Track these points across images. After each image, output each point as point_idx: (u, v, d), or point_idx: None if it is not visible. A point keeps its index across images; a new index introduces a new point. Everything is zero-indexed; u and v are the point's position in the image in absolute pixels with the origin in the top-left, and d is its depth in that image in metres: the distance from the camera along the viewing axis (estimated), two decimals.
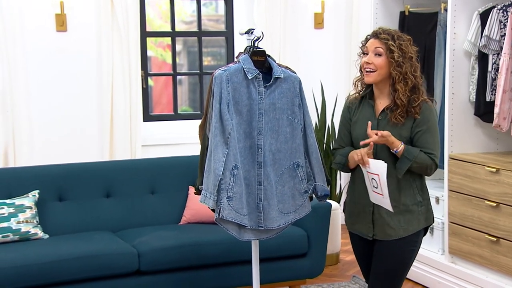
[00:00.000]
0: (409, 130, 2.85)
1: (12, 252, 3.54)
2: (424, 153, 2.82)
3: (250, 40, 3.14)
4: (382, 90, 2.89)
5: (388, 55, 2.80)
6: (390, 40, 2.80)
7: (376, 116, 2.90)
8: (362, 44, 2.91)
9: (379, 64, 2.82)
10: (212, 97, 3.04)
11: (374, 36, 2.85)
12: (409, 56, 2.82)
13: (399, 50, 2.80)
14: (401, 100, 2.81)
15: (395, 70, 2.80)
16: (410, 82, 2.81)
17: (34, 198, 3.87)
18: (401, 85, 2.80)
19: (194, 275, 3.77)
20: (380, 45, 2.82)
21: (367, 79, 2.86)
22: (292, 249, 3.93)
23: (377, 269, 2.93)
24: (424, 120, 2.84)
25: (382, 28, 2.88)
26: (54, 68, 5.24)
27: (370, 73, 2.83)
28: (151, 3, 5.79)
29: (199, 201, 3.05)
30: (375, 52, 2.83)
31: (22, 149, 5.07)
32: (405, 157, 2.79)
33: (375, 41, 2.84)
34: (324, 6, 5.89)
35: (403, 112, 2.83)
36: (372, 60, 2.82)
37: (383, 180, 2.74)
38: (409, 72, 2.81)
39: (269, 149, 3.10)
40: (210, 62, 6.15)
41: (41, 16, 5.19)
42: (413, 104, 2.82)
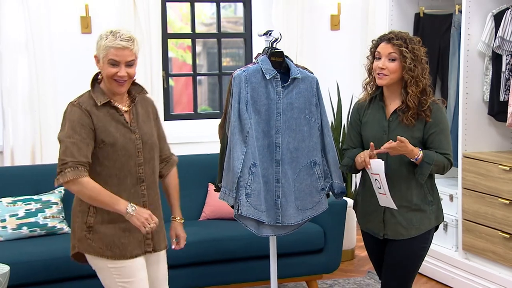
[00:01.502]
0: (420, 131, 2.82)
1: (39, 246, 3.57)
2: (440, 154, 2.80)
3: (269, 41, 3.14)
4: (393, 92, 2.87)
5: (402, 59, 2.78)
6: (403, 45, 2.78)
7: (387, 117, 2.87)
8: (372, 47, 2.87)
9: (392, 69, 2.79)
10: (231, 97, 3.04)
11: (386, 41, 2.82)
12: (420, 59, 2.80)
13: (412, 54, 2.78)
14: (412, 102, 2.79)
15: (407, 74, 2.78)
16: (421, 85, 2.80)
17: (60, 194, 3.90)
18: (413, 88, 2.79)
19: (214, 270, 3.78)
20: (394, 50, 2.79)
21: (379, 82, 2.83)
22: (309, 245, 3.92)
23: (389, 266, 2.92)
24: (436, 122, 2.82)
25: (393, 32, 2.85)
26: (79, 68, 5.26)
27: (383, 76, 2.81)
28: (172, 6, 5.80)
29: (218, 198, 3.06)
30: (389, 57, 2.80)
31: (48, 148, 5.10)
32: (426, 162, 2.77)
33: (388, 46, 2.80)
34: (340, 8, 5.86)
35: (414, 114, 2.80)
36: (386, 65, 2.80)
37: (383, 177, 2.73)
38: (420, 75, 2.79)
39: (286, 147, 3.10)
40: (229, 63, 6.15)
41: (67, 19, 5.22)
42: (423, 107, 2.80)
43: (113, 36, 2.62)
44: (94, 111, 2.65)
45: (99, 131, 2.64)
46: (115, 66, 2.63)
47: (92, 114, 2.64)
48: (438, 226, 2.96)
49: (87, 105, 2.66)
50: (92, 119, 2.64)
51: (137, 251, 2.71)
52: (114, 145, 2.64)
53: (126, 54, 2.63)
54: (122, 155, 2.66)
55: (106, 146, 2.64)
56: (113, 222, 2.66)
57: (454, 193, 4.36)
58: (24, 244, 3.59)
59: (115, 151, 2.65)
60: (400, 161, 2.81)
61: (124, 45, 2.61)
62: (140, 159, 2.70)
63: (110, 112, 2.68)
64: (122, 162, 2.66)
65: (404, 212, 2.84)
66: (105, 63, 2.64)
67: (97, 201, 2.60)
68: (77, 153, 2.58)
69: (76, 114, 2.64)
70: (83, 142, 2.60)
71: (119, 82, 2.65)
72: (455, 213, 4.29)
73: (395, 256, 2.88)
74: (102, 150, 2.64)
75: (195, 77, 5.83)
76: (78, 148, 2.59)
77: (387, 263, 2.92)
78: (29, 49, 5.02)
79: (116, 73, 2.63)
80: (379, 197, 2.84)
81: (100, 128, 2.64)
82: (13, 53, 5.01)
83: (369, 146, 2.84)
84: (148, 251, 2.76)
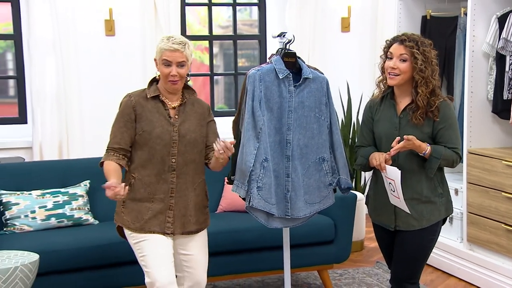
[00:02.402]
0: (430, 127, 2.83)
1: (66, 236, 3.60)
2: (448, 148, 2.80)
3: (282, 42, 3.15)
4: (404, 90, 2.87)
5: (413, 60, 2.78)
6: (415, 47, 2.78)
7: (397, 114, 2.88)
8: (386, 47, 2.88)
9: (403, 69, 2.80)
10: (246, 95, 3.06)
11: (399, 42, 2.82)
12: (431, 61, 2.80)
13: (423, 56, 2.78)
14: (421, 102, 2.79)
15: (418, 74, 2.78)
16: (431, 85, 2.80)
17: (86, 187, 3.94)
18: (423, 88, 2.79)
19: (230, 259, 3.79)
20: (405, 52, 2.79)
21: (390, 82, 2.84)
22: (320, 236, 3.93)
23: (399, 256, 2.92)
24: (445, 118, 2.82)
25: (406, 34, 2.85)
26: (103, 69, 5.32)
27: (395, 76, 2.82)
28: (191, 10, 5.83)
29: (231, 190, 3.08)
30: (400, 58, 2.80)
31: (74, 143, 5.16)
32: (434, 157, 2.77)
33: (400, 47, 2.81)
34: (350, 11, 5.85)
35: (423, 113, 2.81)
36: (397, 65, 2.80)
37: (398, 185, 2.74)
38: (430, 76, 2.79)
39: (297, 144, 3.11)
40: (244, 64, 6.17)
41: (92, 22, 5.27)
42: (431, 107, 2.80)
43: (167, 40, 2.88)
44: (142, 102, 2.93)
45: (141, 120, 2.90)
46: (168, 66, 2.86)
47: (138, 104, 2.92)
48: (446, 219, 2.96)
49: (136, 96, 2.95)
50: (135, 110, 2.91)
51: (156, 229, 2.91)
52: (151, 133, 2.88)
53: (177, 56, 2.85)
54: (157, 143, 2.88)
55: (145, 133, 2.89)
56: (141, 201, 2.91)
57: (459, 187, 4.35)
58: (52, 234, 3.62)
59: (151, 139, 2.88)
60: (410, 155, 2.82)
61: (175, 48, 2.85)
62: (174, 150, 2.90)
63: (157, 105, 2.93)
64: (156, 149, 2.88)
65: (415, 204, 2.84)
66: (160, 64, 2.89)
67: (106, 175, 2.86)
68: (112, 140, 2.92)
69: (123, 104, 2.95)
70: (119, 131, 2.90)
71: (172, 82, 2.88)
72: (460, 206, 4.28)
73: (405, 247, 2.88)
74: (141, 136, 2.89)
75: (212, 77, 5.85)
76: (114, 135, 2.92)
77: (397, 254, 2.92)
78: (57, 51, 5.08)
79: (169, 73, 2.86)
80: (391, 197, 2.84)
81: (142, 117, 2.90)
82: (41, 55, 5.06)
83: (381, 143, 2.86)
84: (167, 233, 2.92)
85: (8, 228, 3.69)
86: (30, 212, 3.72)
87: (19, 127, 5.29)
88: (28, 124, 5.27)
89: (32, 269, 3.08)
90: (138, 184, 2.91)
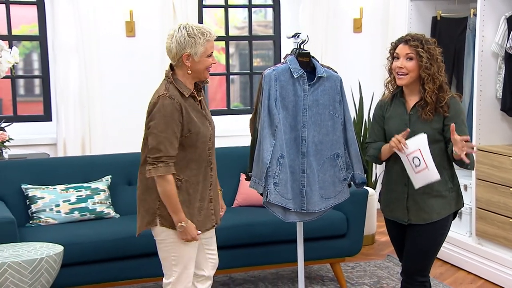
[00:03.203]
0: (439, 123, 2.80)
1: (88, 229, 3.61)
2: None
3: (297, 43, 3.13)
4: (412, 89, 2.86)
5: (418, 59, 2.77)
6: (419, 46, 2.77)
7: (407, 112, 2.86)
8: (391, 48, 2.87)
9: (410, 68, 2.79)
10: (262, 94, 3.05)
11: (404, 42, 2.81)
12: (436, 58, 2.79)
13: (428, 54, 2.77)
14: (430, 98, 2.78)
15: (424, 72, 2.77)
16: (437, 82, 2.78)
17: (107, 182, 3.95)
18: (430, 85, 2.77)
19: (245, 252, 3.79)
20: (411, 51, 2.78)
21: (399, 82, 2.82)
22: (333, 230, 3.91)
23: (410, 250, 2.90)
24: (456, 114, 2.80)
25: (410, 35, 2.85)
26: (124, 69, 5.34)
27: (403, 76, 2.80)
28: (208, 11, 5.83)
29: (249, 186, 3.08)
30: (407, 57, 2.79)
31: (96, 140, 5.19)
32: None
33: (405, 47, 2.80)
34: (362, 12, 5.82)
35: (432, 109, 2.79)
36: (404, 64, 2.79)
37: (426, 150, 2.67)
38: (436, 73, 2.78)
39: (312, 140, 3.09)
40: (259, 63, 6.16)
41: (113, 24, 5.29)
42: (440, 103, 2.78)
43: (204, 30, 2.66)
44: (183, 102, 2.67)
45: (187, 122, 2.66)
46: (210, 57, 2.70)
47: (182, 106, 2.66)
48: (456, 213, 2.93)
49: (177, 97, 2.66)
50: (182, 112, 2.65)
51: (208, 226, 2.82)
52: (198, 134, 2.70)
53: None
54: (202, 142, 2.72)
55: (192, 134, 2.68)
56: (191, 202, 2.72)
57: (468, 183, 4.31)
58: (75, 227, 3.63)
59: (198, 139, 2.70)
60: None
61: (215, 36, 2.70)
62: (210, 144, 2.78)
63: (192, 102, 2.72)
64: (201, 148, 2.73)
65: (426, 199, 2.82)
66: (203, 57, 2.67)
67: (167, 199, 2.65)
68: (170, 147, 2.62)
69: (169, 107, 2.62)
70: (174, 136, 2.63)
71: (209, 70, 2.73)
72: (469, 201, 4.24)
73: (416, 241, 2.86)
74: (188, 138, 2.68)
75: (228, 76, 5.85)
76: (170, 142, 2.62)
77: (408, 248, 2.90)
78: (79, 51, 5.10)
79: (211, 63, 2.71)
80: (417, 178, 2.75)
81: (187, 118, 2.67)
82: (65, 55, 5.10)
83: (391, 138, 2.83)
84: (213, 225, 2.86)
85: (34, 221, 3.72)
86: (54, 206, 3.74)
87: (44, 125, 5.33)
88: (52, 122, 5.30)
89: (57, 260, 3.10)
90: (186, 185, 2.71)
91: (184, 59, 2.67)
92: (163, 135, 2.61)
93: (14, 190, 3.76)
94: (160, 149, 2.61)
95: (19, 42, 5.34)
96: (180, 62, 2.69)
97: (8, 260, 2.96)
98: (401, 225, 2.92)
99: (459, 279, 4.17)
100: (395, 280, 4.08)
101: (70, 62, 5.10)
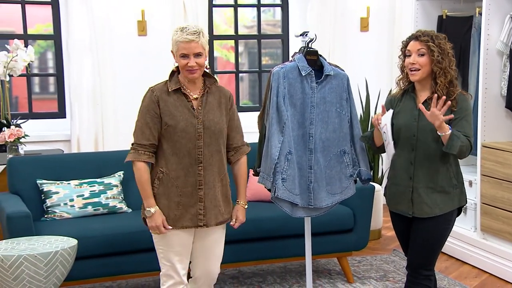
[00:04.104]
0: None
1: (102, 223, 3.63)
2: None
3: (305, 41, 3.13)
4: (424, 85, 2.85)
5: (430, 53, 2.77)
6: (430, 41, 2.77)
7: (417, 107, 2.85)
8: (403, 46, 2.86)
9: (422, 63, 2.78)
10: (270, 91, 3.04)
11: (415, 39, 2.81)
12: (447, 52, 2.79)
13: (439, 48, 2.77)
14: (441, 92, 2.77)
15: (436, 66, 2.77)
16: (449, 76, 2.78)
17: (120, 177, 3.96)
18: (441, 79, 2.77)
19: (254, 246, 3.79)
20: (422, 46, 2.78)
21: (412, 78, 2.82)
22: (340, 225, 3.91)
23: (415, 243, 2.89)
24: (462, 109, 2.79)
25: (420, 31, 2.84)
26: (136, 67, 5.35)
27: (415, 71, 2.80)
28: (218, 11, 5.83)
29: (257, 181, 3.07)
30: (418, 53, 2.79)
31: (109, 137, 5.20)
32: (455, 136, 2.71)
33: (416, 43, 2.79)
34: (369, 11, 5.80)
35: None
36: (416, 60, 2.79)
37: (389, 125, 2.81)
38: (448, 67, 2.78)
39: (319, 137, 3.09)
40: (267, 62, 6.16)
41: (125, 23, 5.30)
42: (450, 98, 2.77)
43: (181, 31, 2.69)
44: (164, 96, 2.73)
45: (164, 115, 2.72)
46: (185, 57, 2.69)
47: (161, 99, 2.72)
48: (461, 210, 2.92)
49: (158, 91, 2.75)
50: (158, 105, 2.72)
51: (188, 223, 2.77)
52: (175, 127, 2.72)
53: (194, 46, 2.68)
54: (182, 137, 2.72)
55: (169, 128, 2.72)
56: (170, 195, 2.76)
57: (473, 179, 4.29)
58: (89, 221, 3.65)
59: (176, 133, 2.72)
60: (430, 148, 2.79)
61: (190, 39, 2.67)
62: (200, 142, 2.74)
63: (180, 98, 2.75)
64: (181, 143, 2.72)
65: (429, 193, 2.81)
66: (177, 56, 2.72)
67: (138, 185, 2.77)
68: (140, 136, 2.73)
69: (146, 99, 2.76)
70: (146, 126, 2.71)
71: (190, 71, 2.71)
72: (474, 197, 4.23)
73: (421, 235, 2.85)
74: (166, 131, 2.72)
75: (238, 74, 5.85)
76: (141, 132, 2.73)
77: (413, 241, 2.89)
78: (93, 50, 5.12)
79: (187, 64, 2.69)
80: (387, 150, 2.91)
81: (165, 112, 2.72)
82: (79, 54, 5.11)
83: (399, 133, 2.83)
84: (200, 225, 2.79)
85: (49, 215, 3.74)
86: (68, 201, 3.76)
87: (58, 122, 5.36)
88: (66, 119, 5.33)
89: (71, 253, 3.12)
90: (166, 178, 2.74)
91: (172, 56, 2.78)
92: (138, 124, 2.75)
93: (30, 185, 3.78)
94: (133, 136, 2.76)
95: (34, 41, 5.37)
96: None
97: (24, 253, 2.98)
98: (406, 219, 2.92)
99: (463, 273, 4.15)
100: (400, 274, 4.07)
101: (84, 60, 5.12)
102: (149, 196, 2.74)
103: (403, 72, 2.88)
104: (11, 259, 2.95)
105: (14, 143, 4.32)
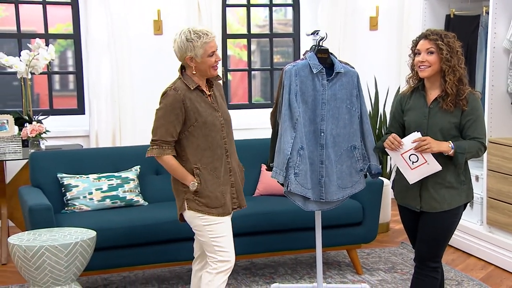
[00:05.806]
0: (457, 118, 2.77)
1: (119, 215, 3.64)
2: (473, 139, 2.75)
3: (316, 40, 3.12)
4: (434, 82, 2.82)
5: (439, 52, 2.74)
6: (439, 39, 2.75)
7: (428, 105, 2.83)
8: (413, 45, 2.84)
9: (431, 61, 2.76)
10: (282, 89, 3.04)
11: (424, 38, 2.79)
12: (456, 50, 2.76)
13: (448, 47, 2.74)
14: (450, 89, 2.75)
15: (445, 64, 2.74)
16: (458, 74, 2.75)
17: (136, 172, 3.97)
18: (451, 77, 2.75)
19: (266, 239, 3.79)
20: (431, 45, 2.76)
21: (422, 74, 2.80)
22: (350, 219, 3.89)
23: (423, 237, 2.87)
24: (473, 110, 2.77)
25: (430, 30, 2.82)
26: (152, 65, 5.36)
27: (425, 68, 2.78)
28: (231, 10, 5.82)
29: (271, 176, 3.07)
30: (428, 51, 2.77)
31: (126, 132, 5.22)
32: (459, 153, 2.71)
33: (426, 42, 2.77)
34: (378, 11, 5.76)
35: (453, 100, 2.76)
36: (425, 58, 2.77)
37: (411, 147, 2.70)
38: (456, 65, 2.75)
39: (330, 133, 3.08)
40: (279, 60, 6.14)
41: (142, 22, 5.31)
42: (460, 96, 2.75)
43: (201, 34, 2.75)
44: (188, 94, 2.78)
45: (192, 112, 2.78)
46: (213, 55, 2.78)
47: (186, 98, 2.77)
48: (467, 204, 2.90)
49: (182, 90, 2.78)
50: (184, 103, 2.76)
51: (233, 207, 2.91)
52: (206, 122, 2.79)
53: (215, 43, 2.80)
54: (212, 131, 2.81)
55: (199, 123, 2.79)
56: (213, 187, 2.82)
57: (480, 174, 4.26)
58: (107, 214, 3.66)
59: (207, 127, 2.80)
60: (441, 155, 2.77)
61: (213, 36, 2.78)
62: (224, 133, 2.86)
63: (199, 95, 2.82)
64: (212, 136, 2.81)
65: (438, 189, 2.80)
66: (204, 57, 2.77)
67: (172, 172, 2.83)
68: (164, 133, 2.77)
69: (171, 98, 2.77)
70: (171, 124, 2.75)
71: (215, 67, 2.82)
72: (480, 191, 4.20)
73: (428, 228, 2.84)
74: (196, 127, 2.79)
75: (250, 72, 5.84)
76: (166, 129, 2.76)
77: (421, 235, 2.88)
78: (111, 48, 5.14)
79: (215, 61, 2.79)
80: (413, 174, 2.76)
81: (193, 109, 2.78)
82: (97, 52, 5.13)
83: (411, 130, 2.81)
84: (234, 208, 2.93)
85: (69, 207, 3.76)
86: (87, 194, 3.77)
87: (77, 118, 5.39)
88: (85, 115, 5.35)
89: (90, 244, 3.13)
90: (204, 172, 2.80)
91: (188, 61, 2.79)
92: (161, 122, 2.77)
93: (51, 178, 3.81)
94: (157, 133, 2.78)
95: (55, 40, 5.40)
96: (186, 63, 2.81)
97: (45, 244, 3.00)
98: (414, 213, 2.90)
99: (470, 265, 4.13)
100: (408, 266, 4.05)
101: (102, 58, 5.14)
102: (185, 174, 2.79)
103: (413, 70, 2.86)
104: (34, 249, 2.97)
105: (36, 138, 4.35)
